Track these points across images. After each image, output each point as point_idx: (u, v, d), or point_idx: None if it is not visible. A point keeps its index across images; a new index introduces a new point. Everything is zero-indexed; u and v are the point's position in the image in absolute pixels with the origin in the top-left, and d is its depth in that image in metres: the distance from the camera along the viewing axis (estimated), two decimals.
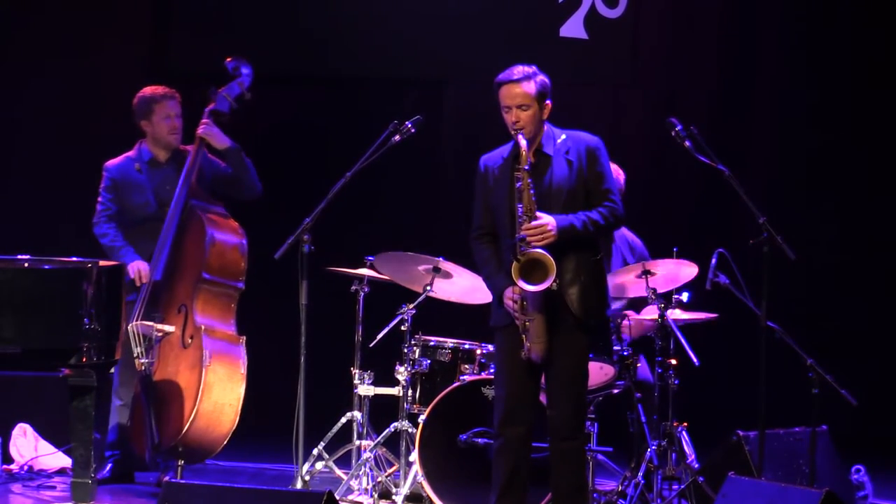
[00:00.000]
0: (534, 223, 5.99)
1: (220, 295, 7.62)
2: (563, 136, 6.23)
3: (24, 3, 9.86)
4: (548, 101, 6.20)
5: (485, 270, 6.29)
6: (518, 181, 6.05)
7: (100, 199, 7.85)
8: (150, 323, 7.49)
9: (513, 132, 6.14)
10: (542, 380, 6.26)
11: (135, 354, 7.44)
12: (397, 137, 6.98)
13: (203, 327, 7.48)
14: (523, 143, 6.07)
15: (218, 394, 7.46)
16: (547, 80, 6.21)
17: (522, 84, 6.14)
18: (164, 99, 7.84)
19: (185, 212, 7.67)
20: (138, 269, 7.61)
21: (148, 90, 7.90)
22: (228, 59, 7.97)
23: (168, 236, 7.64)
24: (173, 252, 7.64)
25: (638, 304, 7.56)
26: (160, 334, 7.51)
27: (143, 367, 7.46)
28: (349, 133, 9.17)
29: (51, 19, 9.86)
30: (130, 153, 7.89)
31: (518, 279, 5.97)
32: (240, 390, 7.53)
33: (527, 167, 6.04)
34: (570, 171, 6.15)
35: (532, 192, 6.03)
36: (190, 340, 7.50)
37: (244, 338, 7.63)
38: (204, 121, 7.81)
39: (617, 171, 7.64)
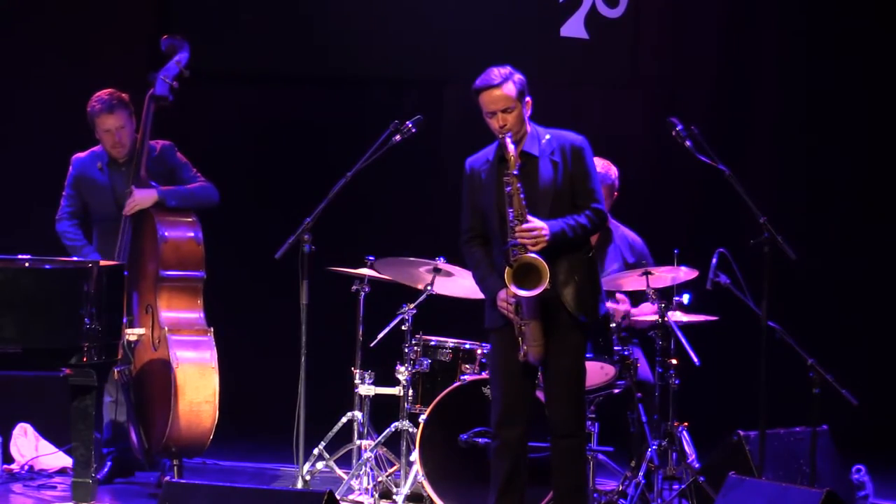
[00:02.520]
0: (526, 225, 5.96)
1: (182, 289, 7.55)
2: (548, 136, 6.17)
3: (23, 4, 9.85)
4: (528, 98, 6.16)
5: (477, 273, 6.27)
6: (507, 186, 6.00)
7: (64, 193, 7.79)
8: None
9: (500, 136, 6.08)
10: (540, 378, 6.27)
11: None
12: (398, 137, 6.97)
13: (167, 328, 7.43)
14: (511, 147, 6.01)
15: (192, 393, 7.41)
16: (524, 78, 6.15)
17: (503, 87, 6.09)
18: (101, 113, 7.64)
19: (136, 215, 7.59)
20: None
21: (91, 102, 7.69)
22: (164, 37, 7.81)
23: (123, 243, 7.55)
24: (132, 256, 7.56)
25: (637, 298, 7.55)
26: (134, 338, 7.48)
27: (117, 376, 7.44)
28: (349, 133, 9.15)
29: (51, 21, 9.85)
30: (97, 148, 7.79)
31: (511, 285, 5.94)
32: (213, 384, 7.45)
33: (516, 172, 5.99)
34: (556, 172, 6.11)
35: (522, 196, 5.98)
36: (158, 342, 7.47)
37: (212, 329, 7.54)
38: (130, 199, 7.51)
39: (608, 167, 7.60)
